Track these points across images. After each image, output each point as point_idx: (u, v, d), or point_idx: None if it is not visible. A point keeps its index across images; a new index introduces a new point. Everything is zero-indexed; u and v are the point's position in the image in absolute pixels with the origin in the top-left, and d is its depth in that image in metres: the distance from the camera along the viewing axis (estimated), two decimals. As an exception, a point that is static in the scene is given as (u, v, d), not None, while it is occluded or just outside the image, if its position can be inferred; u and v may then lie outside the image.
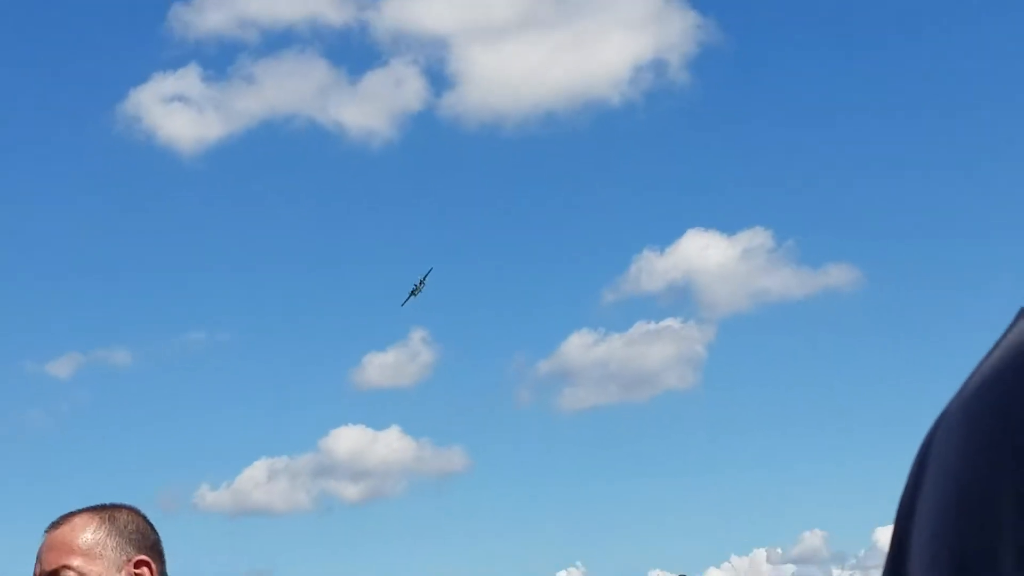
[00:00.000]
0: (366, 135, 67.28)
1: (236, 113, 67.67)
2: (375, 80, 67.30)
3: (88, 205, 74.42)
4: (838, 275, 74.11)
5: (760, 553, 61.23)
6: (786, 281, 73.84)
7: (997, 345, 1.15)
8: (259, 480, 71.94)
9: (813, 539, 68.40)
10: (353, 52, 67.47)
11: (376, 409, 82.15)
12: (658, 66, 64.64)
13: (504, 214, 77.40)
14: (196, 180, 69.88)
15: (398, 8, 66.24)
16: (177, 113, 65.19)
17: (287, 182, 75.99)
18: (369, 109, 67.62)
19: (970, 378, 1.17)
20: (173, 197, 71.85)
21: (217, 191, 72.09)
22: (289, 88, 67.64)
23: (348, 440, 72.78)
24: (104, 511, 4.36)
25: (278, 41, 65.34)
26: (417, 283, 66.95)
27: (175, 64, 67.01)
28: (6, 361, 73.70)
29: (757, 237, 70.09)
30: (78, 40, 75.41)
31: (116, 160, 69.99)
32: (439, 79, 67.02)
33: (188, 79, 65.85)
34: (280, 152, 73.83)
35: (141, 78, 65.35)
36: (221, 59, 66.54)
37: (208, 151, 66.68)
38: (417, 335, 67.13)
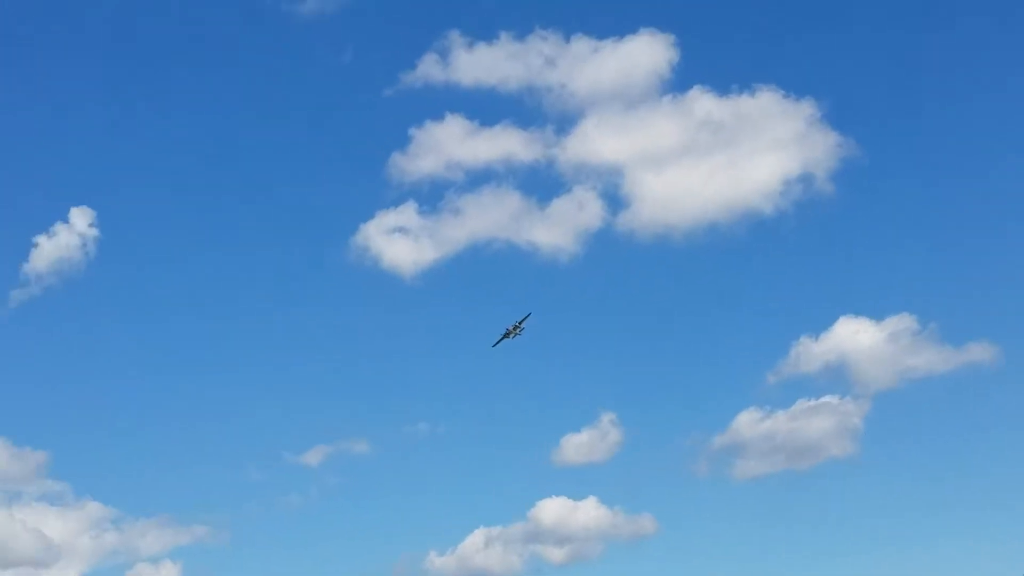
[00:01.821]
0: (555, 252, 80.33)
1: (447, 240, 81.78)
2: (561, 205, 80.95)
3: (328, 320, 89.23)
4: (978, 352, 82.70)
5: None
6: (931, 359, 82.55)
7: None
8: (478, 547, 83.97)
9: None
10: (541, 183, 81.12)
11: (575, 482, 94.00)
12: (805, 180, 75.70)
13: (677, 311, 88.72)
14: (415, 297, 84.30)
15: (578, 143, 79.26)
16: (398, 242, 79.78)
17: (490, 294, 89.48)
18: (557, 230, 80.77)
19: None
20: (397, 312, 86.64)
21: (433, 305, 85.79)
22: (489, 216, 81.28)
23: (552, 510, 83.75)
24: None
25: (479, 178, 79.50)
26: (512, 327, 76.25)
27: (396, 202, 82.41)
28: (269, 453, 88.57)
29: (903, 321, 78.74)
30: (318, 183, 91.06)
31: (350, 281, 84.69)
32: (615, 201, 79.52)
33: (406, 214, 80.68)
34: (484, 270, 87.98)
35: (368, 215, 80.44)
36: (433, 196, 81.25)
37: (425, 272, 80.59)
38: (607, 418, 77.95)
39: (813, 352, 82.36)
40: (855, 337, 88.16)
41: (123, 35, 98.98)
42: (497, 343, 76.76)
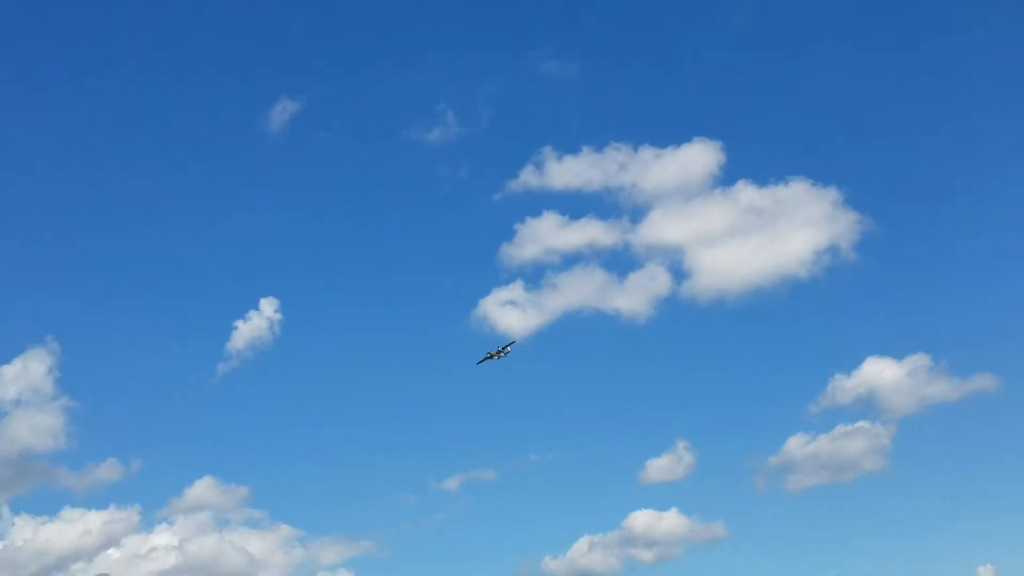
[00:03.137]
0: (633, 315, 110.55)
1: (547, 309, 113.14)
2: (636, 278, 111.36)
3: (458, 377, 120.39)
4: (982, 382, 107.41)
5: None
6: (944, 389, 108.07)
7: None
8: (583, 551, 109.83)
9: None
10: (620, 261, 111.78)
11: (659, 497, 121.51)
12: (832, 250, 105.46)
13: (733, 359, 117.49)
14: (525, 358, 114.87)
15: (648, 229, 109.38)
16: (509, 312, 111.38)
17: (584, 351, 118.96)
18: (634, 298, 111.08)
19: None
20: (512, 368, 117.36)
21: (540, 362, 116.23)
22: (580, 289, 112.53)
23: (642, 520, 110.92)
24: None
25: (571, 260, 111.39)
26: (496, 351, 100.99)
27: (507, 281, 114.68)
28: (419, 482, 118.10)
29: (920, 359, 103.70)
30: (446, 270, 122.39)
31: (474, 345, 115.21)
32: (679, 273, 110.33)
33: (515, 290, 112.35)
34: (578, 332, 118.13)
35: (485, 292, 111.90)
36: (535, 275, 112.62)
37: (532, 336, 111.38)
38: (681, 444, 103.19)
39: (846, 387, 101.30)
40: (880, 374, 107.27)
41: (300, 170, 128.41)
42: (481, 362, 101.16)
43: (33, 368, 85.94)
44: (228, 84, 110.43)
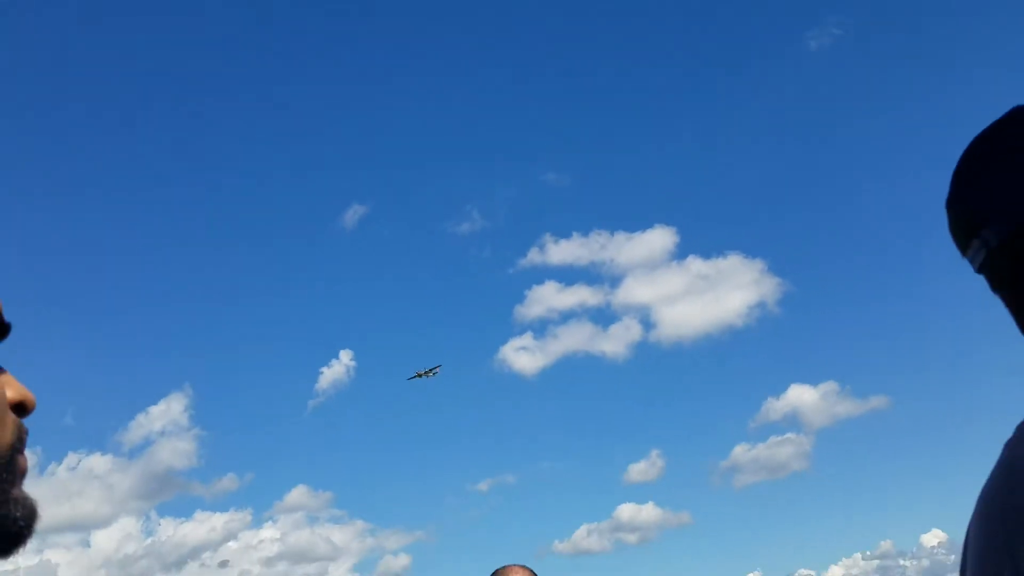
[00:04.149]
0: (614, 356, 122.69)
1: (551, 353, 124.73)
2: (617, 328, 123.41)
3: (487, 407, 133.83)
4: (878, 401, 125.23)
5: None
6: (849, 408, 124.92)
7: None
8: (584, 536, 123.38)
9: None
10: (603, 315, 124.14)
11: (639, 493, 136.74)
12: (761, 305, 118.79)
13: (689, 389, 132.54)
14: (535, 390, 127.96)
15: (624, 293, 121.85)
16: (523, 356, 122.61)
17: (578, 384, 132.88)
18: (615, 343, 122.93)
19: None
20: (525, 399, 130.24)
21: (547, 396, 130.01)
22: (574, 337, 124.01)
23: (627, 511, 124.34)
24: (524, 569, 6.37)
25: (566, 315, 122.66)
26: (425, 371, 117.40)
27: (520, 332, 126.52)
28: (458, 484, 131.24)
29: (832, 385, 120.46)
30: (474, 327, 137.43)
31: (496, 382, 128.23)
32: (648, 324, 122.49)
33: (526, 339, 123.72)
34: (574, 370, 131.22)
35: (504, 341, 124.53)
36: (541, 327, 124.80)
37: (539, 374, 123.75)
38: (654, 452, 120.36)
39: (776, 407, 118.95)
40: (801, 396, 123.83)
41: (368, 256, 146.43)
42: (411, 379, 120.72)
43: (174, 407, 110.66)
44: (316, 191, 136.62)
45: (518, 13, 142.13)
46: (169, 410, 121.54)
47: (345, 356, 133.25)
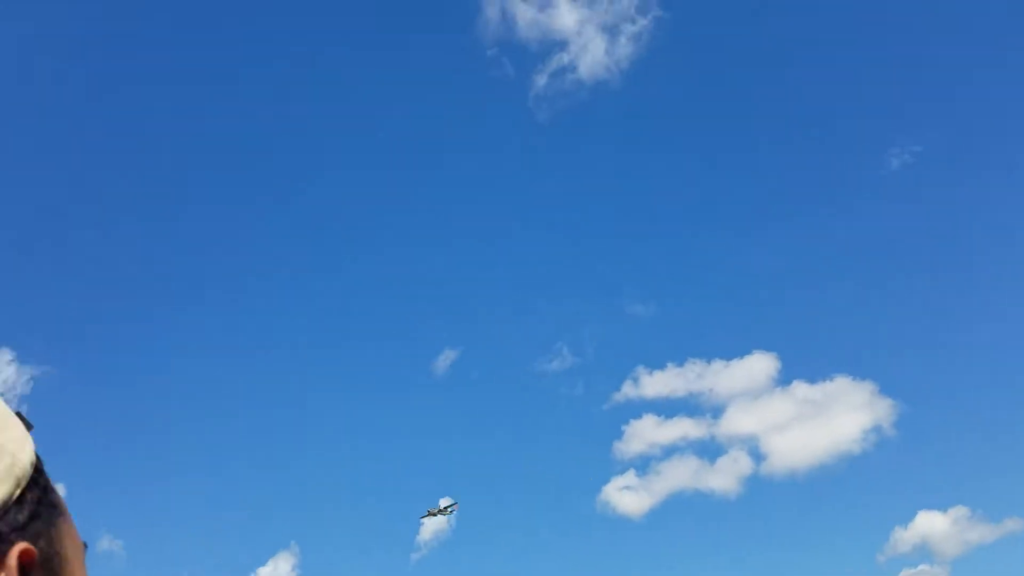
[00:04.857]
0: (725, 490, 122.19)
1: (656, 492, 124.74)
2: (725, 461, 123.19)
3: (592, 547, 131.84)
4: (1012, 524, 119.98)
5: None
6: (983, 532, 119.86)
7: None
8: None
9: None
10: (709, 448, 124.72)
11: None
12: (877, 429, 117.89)
13: (806, 522, 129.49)
14: (643, 532, 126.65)
15: (728, 423, 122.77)
16: (627, 496, 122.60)
17: (687, 522, 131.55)
18: (724, 477, 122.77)
19: None
20: (631, 541, 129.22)
21: (655, 535, 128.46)
22: (680, 475, 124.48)
23: None
24: None
25: (670, 450, 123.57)
26: (439, 509, 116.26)
27: (622, 471, 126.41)
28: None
29: (962, 510, 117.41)
30: (577, 465, 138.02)
31: (601, 524, 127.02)
32: (757, 456, 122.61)
33: (628, 477, 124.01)
34: (682, 508, 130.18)
35: (606, 481, 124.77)
36: (644, 465, 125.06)
37: (646, 514, 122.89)
38: None
39: (905, 537, 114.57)
40: (931, 524, 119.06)
41: (460, 401, 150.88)
42: (424, 517, 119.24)
43: (282, 566, 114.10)
44: (408, 340, 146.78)
45: (584, 152, 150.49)
46: (277, 570, 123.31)
47: (445, 504, 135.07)
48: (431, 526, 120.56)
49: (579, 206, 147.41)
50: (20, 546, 1.36)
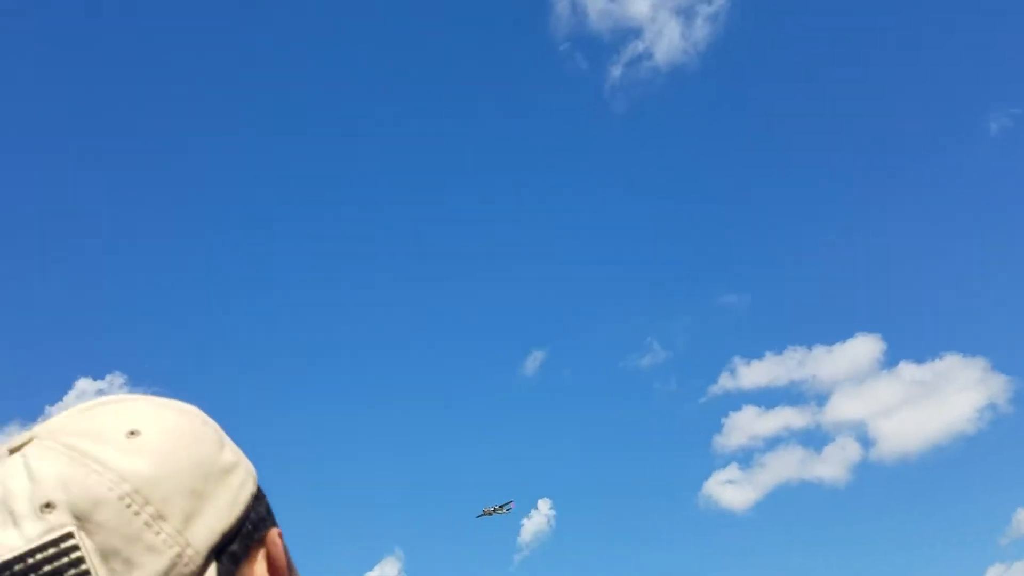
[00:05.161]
0: (833, 479, 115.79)
1: (760, 484, 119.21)
2: (832, 449, 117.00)
3: (695, 545, 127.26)
4: None
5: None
6: None
7: None
8: None
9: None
10: (814, 437, 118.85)
11: None
12: (992, 407, 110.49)
13: (922, 507, 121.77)
14: (749, 525, 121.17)
15: (833, 410, 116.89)
16: (729, 489, 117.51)
17: (795, 516, 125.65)
18: (832, 466, 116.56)
19: None
20: (737, 537, 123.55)
21: (762, 532, 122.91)
22: (785, 466, 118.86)
23: None
24: None
25: (773, 442, 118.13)
26: (496, 507, 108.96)
27: (723, 465, 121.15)
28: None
29: None
30: (677, 465, 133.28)
31: (703, 521, 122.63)
32: (866, 441, 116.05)
33: (731, 471, 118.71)
34: (789, 500, 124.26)
35: (707, 475, 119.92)
36: (746, 458, 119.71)
37: (751, 508, 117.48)
38: None
39: None
40: None
41: (549, 401, 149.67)
42: (479, 516, 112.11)
43: (387, 571, 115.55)
44: (496, 342, 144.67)
45: (664, 140, 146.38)
46: (384, 575, 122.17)
47: (544, 505, 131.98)
48: (531, 527, 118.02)
49: (661, 196, 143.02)
50: (276, 529, 1.55)
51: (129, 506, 1.26)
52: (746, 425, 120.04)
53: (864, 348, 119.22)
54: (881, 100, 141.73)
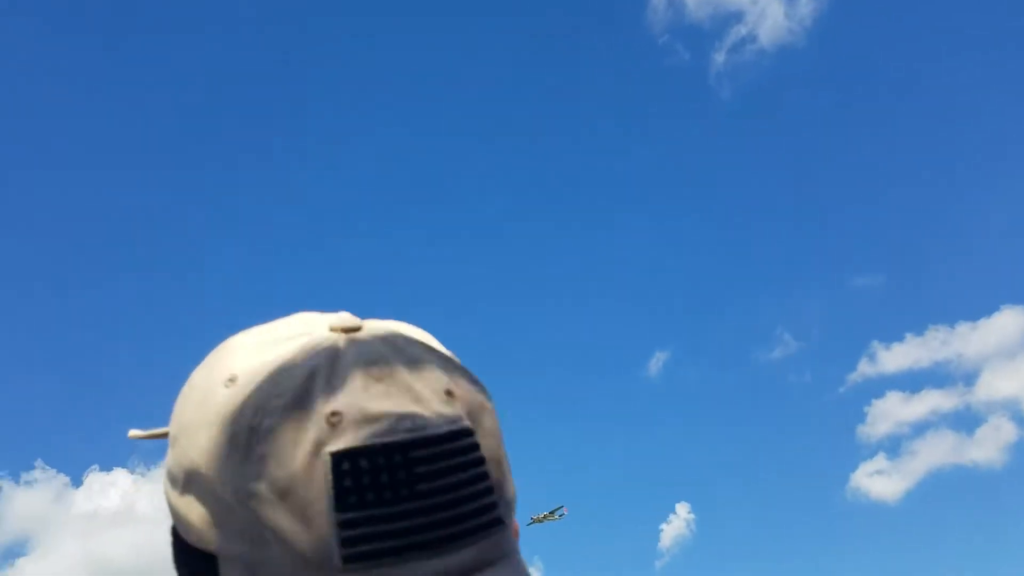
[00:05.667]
0: (988, 464, 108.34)
1: (910, 473, 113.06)
2: (984, 430, 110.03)
3: (843, 540, 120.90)
4: None
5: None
6: None
7: None
8: None
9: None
10: (965, 419, 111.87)
11: None
12: None
13: None
14: (901, 517, 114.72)
15: (983, 389, 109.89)
16: (878, 481, 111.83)
17: (952, 503, 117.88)
18: (986, 447, 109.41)
19: None
20: (889, 529, 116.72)
21: (915, 523, 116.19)
22: (936, 451, 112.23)
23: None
24: None
25: (921, 427, 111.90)
26: (546, 513, 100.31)
27: (870, 455, 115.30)
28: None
29: None
30: (823, 457, 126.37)
31: (851, 516, 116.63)
32: (1021, 419, 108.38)
33: (879, 461, 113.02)
34: (943, 486, 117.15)
35: (854, 467, 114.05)
36: (893, 446, 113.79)
37: (904, 498, 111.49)
38: None
39: None
40: None
41: (676, 401, 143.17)
42: (530, 524, 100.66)
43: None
44: (616, 346, 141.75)
45: (779, 121, 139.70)
46: None
47: (682, 509, 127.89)
48: (670, 532, 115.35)
49: (780, 180, 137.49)
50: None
51: (498, 426, 1.20)
52: (891, 412, 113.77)
53: (1012, 321, 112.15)
54: (1006, 58, 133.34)
